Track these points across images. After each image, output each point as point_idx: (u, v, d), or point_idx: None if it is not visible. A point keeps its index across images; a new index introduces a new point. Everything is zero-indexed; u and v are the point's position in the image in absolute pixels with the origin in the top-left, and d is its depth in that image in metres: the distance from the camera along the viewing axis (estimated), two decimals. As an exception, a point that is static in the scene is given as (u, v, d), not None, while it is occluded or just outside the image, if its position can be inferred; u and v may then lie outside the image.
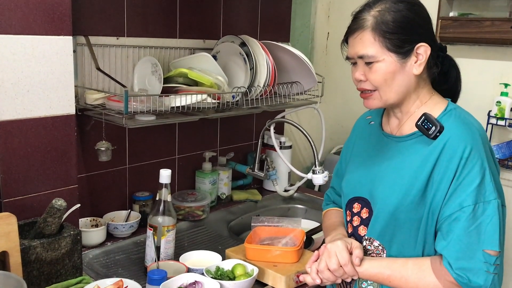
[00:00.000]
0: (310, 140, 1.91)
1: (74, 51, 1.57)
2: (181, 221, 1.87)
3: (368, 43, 1.16)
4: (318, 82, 2.02)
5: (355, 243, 1.23)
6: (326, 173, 1.91)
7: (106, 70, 1.67)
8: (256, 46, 1.83)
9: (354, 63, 1.23)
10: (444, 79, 1.27)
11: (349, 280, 1.22)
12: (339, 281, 1.22)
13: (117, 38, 1.69)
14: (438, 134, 1.15)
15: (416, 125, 1.19)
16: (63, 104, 1.44)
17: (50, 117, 1.42)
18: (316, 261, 1.24)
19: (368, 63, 1.18)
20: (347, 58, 1.24)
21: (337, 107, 2.68)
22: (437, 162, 1.15)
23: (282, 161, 2.15)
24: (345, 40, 1.24)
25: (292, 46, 2.32)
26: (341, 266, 1.18)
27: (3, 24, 1.29)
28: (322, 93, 2.09)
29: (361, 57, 1.18)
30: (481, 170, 1.11)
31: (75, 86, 1.50)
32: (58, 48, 1.40)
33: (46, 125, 1.41)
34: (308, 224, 2.06)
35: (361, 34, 1.17)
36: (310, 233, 1.80)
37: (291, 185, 2.29)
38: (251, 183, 2.28)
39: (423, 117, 1.18)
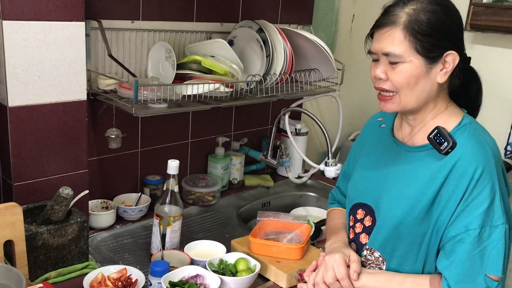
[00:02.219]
0: (325, 131, 1.87)
1: (88, 35, 1.55)
2: (191, 206, 1.88)
3: (397, 41, 1.10)
4: (338, 69, 1.96)
5: (353, 256, 1.21)
6: (339, 165, 1.87)
7: (120, 54, 1.65)
8: (274, 33, 1.78)
9: (376, 60, 1.17)
10: (464, 92, 1.21)
11: (345, 294, 1.22)
12: (335, 294, 1.22)
13: (132, 22, 1.66)
14: (450, 150, 1.11)
15: (428, 139, 1.14)
16: (74, 90, 1.44)
17: (61, 103, 1.42)
18: (314, 271, 1.23)
19: (393, 63, 1.12)
20: (370, 52, 1.18)
21: (358, 91, 2.61)
22: (447, 180, 1.11)
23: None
24: (371, 34, 1.17)
25: (315, 28, 2.26)
26: (337, 280, 1.17)
27: (15, 10, 1.28)
28: (342, 81, 2.03)
29: (386, 54, 1.12)
30: (491, 193, 1.07)
31: (87, 70, 1.49)
32: (70, 34, 1.39)
33: (57, 111, 1.42)
34: (319, 213, 2.05)
35: (391, 30, 1.11)
36: (319, 224, 1.79)
37: (306, 171, 2.27)
38: (264, 168, 2.26)
39: (436, 130, 1.13)
